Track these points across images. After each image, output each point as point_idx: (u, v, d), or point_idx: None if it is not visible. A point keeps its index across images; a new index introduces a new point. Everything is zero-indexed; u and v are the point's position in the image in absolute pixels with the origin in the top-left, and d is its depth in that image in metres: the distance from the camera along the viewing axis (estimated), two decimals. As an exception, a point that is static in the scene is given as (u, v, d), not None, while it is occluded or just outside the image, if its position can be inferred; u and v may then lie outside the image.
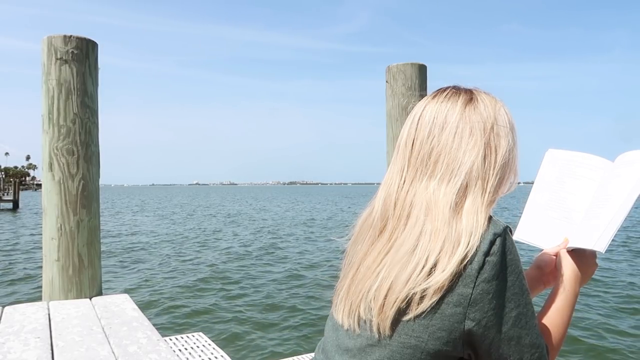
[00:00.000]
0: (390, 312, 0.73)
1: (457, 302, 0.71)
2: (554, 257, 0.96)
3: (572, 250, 0.92)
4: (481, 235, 0.72)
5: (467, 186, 0.77)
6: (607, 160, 0.97)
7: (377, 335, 0.74)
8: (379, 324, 0.74)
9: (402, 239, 0.77)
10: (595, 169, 0.97)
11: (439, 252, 0.72)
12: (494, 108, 0.82)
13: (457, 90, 0.85)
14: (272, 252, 13.05)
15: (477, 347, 0.73)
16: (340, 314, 0.82)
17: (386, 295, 0.74)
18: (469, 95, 0.83)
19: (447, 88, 0.86)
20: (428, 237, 0.74)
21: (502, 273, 0.71)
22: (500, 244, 0.72)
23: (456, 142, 0.79)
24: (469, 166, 0.77)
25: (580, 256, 0.91)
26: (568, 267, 0.90)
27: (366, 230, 0.84)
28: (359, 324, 0.78)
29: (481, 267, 0.70)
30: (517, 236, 0.99)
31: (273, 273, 10.02)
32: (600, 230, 0.87)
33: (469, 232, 0.72)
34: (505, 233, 0.73)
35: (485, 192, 0.77)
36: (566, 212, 0.96)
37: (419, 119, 0.83)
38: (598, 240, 0.87)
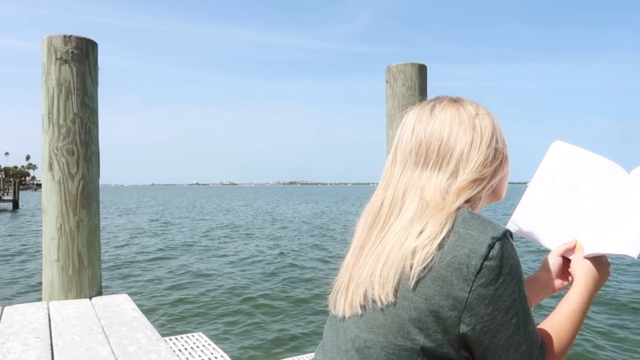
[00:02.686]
0: (393, 283, 0.74)
1: (452, 305, 0.70)
2: (562, 259, 0.95)
3: (589, 257, 0.91)
4: (479, 240, 0.71)
5: (457, 172, 0.80)
6: (622, 167, 0.95)
7: (380, 308, 0.75)
8: (380, 298, 0.74)
9: (397, 224, 0.79)
10: (611, 175, 0.94)
11: (431, 229, 0.74)
12: (475, 108, 0.86)
13: (437, 98, 0.90)
14: (273, 253, 13.05)
15: (472, 351, 0.73)
16: (342, 306, 0.82)
17: (383, 266, 0.76)
18: (445, 100, 0.88)
19: (430, 100, 0.91)
20: (422, 220, 0.76)
21: (500, 278, 0.71)
22: (499, 249, 0.71)
23: (446, 131, 0.82)
24: (458, 153, 0.81)
25: (597, 263, 0.91)
26: (588, 271, 0.90)
27: (365, 226, 0.86)
28: (362, 308, 0.78)
29: (478, 271, 0.70)
30: (512, 226, 0.97)
31: (273, 273, 10.02)
32: (634, 236, 0.85)
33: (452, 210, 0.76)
34: (504, 237, 0.72)
35: (472, 175, 0.80)
36: (577, 214, 0.95)
37: (402, 123, 0.90)
38: (632, 246, 0.84)
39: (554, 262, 0.96)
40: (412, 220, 0.77)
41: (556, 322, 0.85)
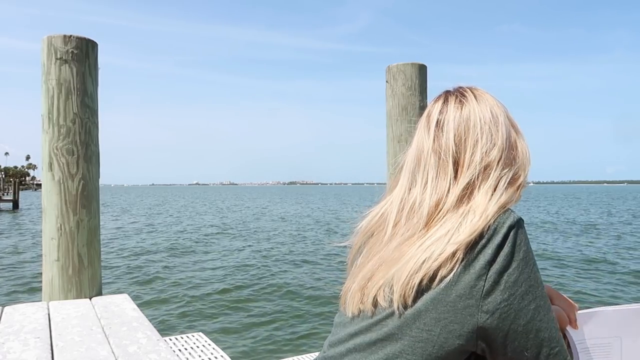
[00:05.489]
0: (414, 283, 0.73)
1: (469, 294, 0.71)
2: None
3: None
4: (495, 229, 0.73)
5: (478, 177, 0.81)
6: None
7: (396, 312, 0.74)
8: (399, 300, 0.74)
9: (436, 228, 0.78)
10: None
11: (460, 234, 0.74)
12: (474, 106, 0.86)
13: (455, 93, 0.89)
14: (273, 253, 13.05)
15: (491, 340, 0.73)
16: (351, 306, 0.82)
17: (410, 272, 0.74)
18: (461, 96, 0.88)
19: (452, 93, 0.90)
20: (459, 225, 0.76)
21: (515, 265, 0.72)
22: (514, 236, 0.73)
23: (463, 142, 0.83)
24: (477, 160, 0.82)
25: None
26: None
27: (388, 226, 0.84)
28: (374, 310, 0.78)
29: (494, 259, 0.71)
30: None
31: (274, 273, 10.01)
32: None
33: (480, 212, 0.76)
34: (518, 225, 0.74)
35: (492, 179, 0.80)
36: None
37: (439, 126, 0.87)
38: None
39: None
40: (447, 223, 0.77)
41: None
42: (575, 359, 0.85)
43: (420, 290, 0.73)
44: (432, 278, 0.73)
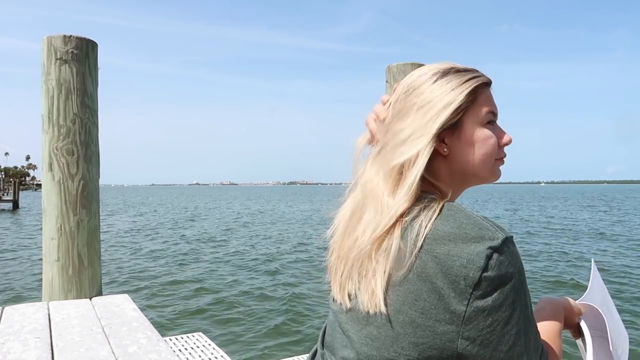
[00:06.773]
0: (382, 291, 0.70)
1: (449, 319, 0.66)
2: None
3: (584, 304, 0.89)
4: (476, 250, 0.66)
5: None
6: None
7: (371, 317, 0.71)
8: (369, 306, 0.71)
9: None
10: None
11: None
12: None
13: None
14: (275, 252, 13.05)
15: None
16: (335, 291, 0.81)
17: (367, 267, 0.72)
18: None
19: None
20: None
21: (499, 289, 0.66)
22: (497, 258, 0.66)
23: None
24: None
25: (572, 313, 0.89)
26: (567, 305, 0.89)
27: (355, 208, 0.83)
28: (351, 308, 0.76)
29: (476, 284, 0.65)
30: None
31: (274, 273, 10.01)
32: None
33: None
34: (503, 245, 0.67)
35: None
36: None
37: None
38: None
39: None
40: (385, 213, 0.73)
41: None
42: (596, 345, 0.86)
43: (387, 303, 0.70)
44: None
